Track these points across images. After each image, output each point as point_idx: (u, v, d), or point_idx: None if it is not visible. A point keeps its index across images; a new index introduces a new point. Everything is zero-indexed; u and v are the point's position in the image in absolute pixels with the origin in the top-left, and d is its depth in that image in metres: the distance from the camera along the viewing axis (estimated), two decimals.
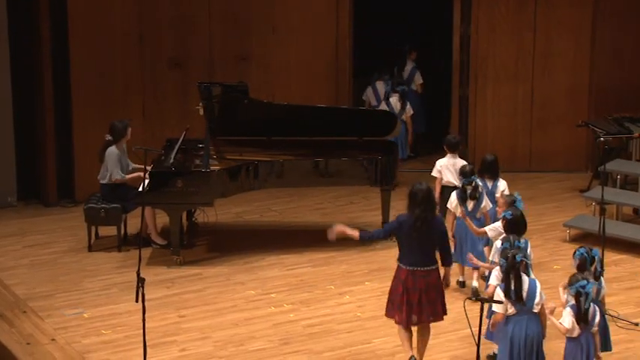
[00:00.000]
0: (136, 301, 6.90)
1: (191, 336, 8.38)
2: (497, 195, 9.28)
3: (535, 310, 7.00)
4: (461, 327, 8.24)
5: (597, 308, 7.04)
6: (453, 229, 9.19)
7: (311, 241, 10.55)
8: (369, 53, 13.74)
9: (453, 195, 9.22)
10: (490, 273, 7.62)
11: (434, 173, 10.00)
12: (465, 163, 9.73)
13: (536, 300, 6.99)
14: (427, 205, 7.54)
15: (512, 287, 6.94)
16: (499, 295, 6.96)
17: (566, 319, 6.98)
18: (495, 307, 7.02)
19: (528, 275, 7.14)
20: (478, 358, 6.75)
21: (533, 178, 12.60)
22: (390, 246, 10.12)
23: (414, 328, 7.72)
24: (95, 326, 8.59)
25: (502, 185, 9.49)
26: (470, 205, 9.11)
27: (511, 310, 6.98)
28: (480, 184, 9.22)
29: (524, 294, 6.94)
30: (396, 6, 14.60)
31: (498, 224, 8.31)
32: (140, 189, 9.89)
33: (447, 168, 9.98)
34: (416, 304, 7.51)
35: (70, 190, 11.98)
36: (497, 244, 7.79)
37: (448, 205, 9.29)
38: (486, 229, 8.61)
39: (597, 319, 7.01)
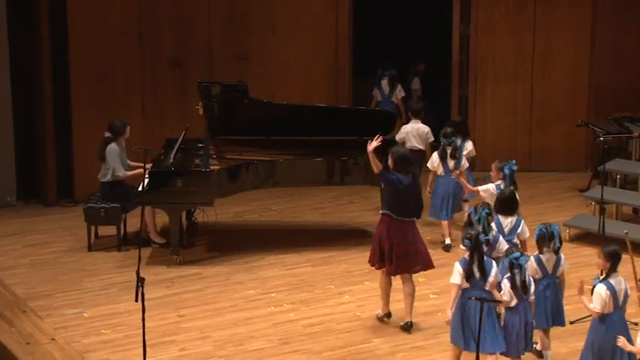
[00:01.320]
0: (136, 300, 6.90)
1: (190, 335, 8.38)
2: (465, 153, 10.47)
3: (487, 287, 7.42)
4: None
5: (532, 279, 7.46)
6: (431, 187, 10.32)
7: (311, 241, 10.56)
8: (368, 53, 13.73)
9: (435, 155, 10.24)
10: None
11: (398, 137, 10.91)
12: (427, 128, 11.03)
13: (490, 279, 7.41)
14: (415, 165, 8.52)
15: (476, 264, 7.39)
16: (459, 271, 7.41)
17: (505, 294, 7.39)
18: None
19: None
20: (477, 357, 6.76)
21: (533, 177, 12.59)
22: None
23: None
24: (95, 326, 8.59)
25: (469, 145, 10.72)
26: (450, 164, 10.10)
27: (465, 284, 7.44)
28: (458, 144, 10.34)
29: (483, 271, 7.42)
30: (395, 6, 14.59)
31: (492, 186, 8.82)
32: (140, 188, 9.89)
33: (411, 133, 11.03)
34: (395, 251, 8.23)
35: (70, 190, 11.97)
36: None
37: (429, 165, 10.32)
38: (480, 189, 9.02)
39: (532, 288, 7.42)
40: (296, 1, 12.64)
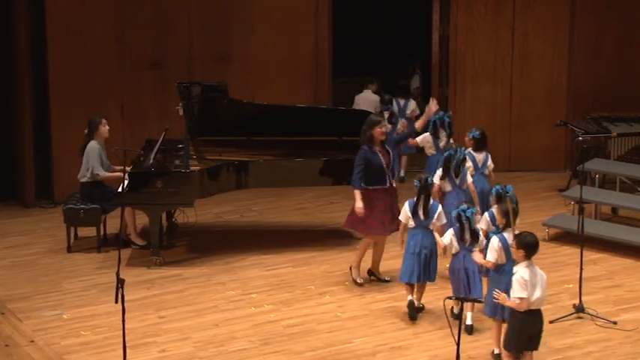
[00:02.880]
0: (116, 302, 6.86)
1: (171, 337, 8.36)
2: (408, 112, 12.30)
3: (430, 227, 8.46)
4: (440, 326, 8.27)
5: (480, 230, 8.15)
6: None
7: (291, 242, 10.56)
8: (348, 53, 13.75)
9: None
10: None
11: (354, 105, 12.35)
12: (376, 97, 12.58)
13: (433, 220, 8.45)
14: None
15: (421, 205, 8.48)
16: (406, 210, 8.52)
17: (446, 237, 8.23)
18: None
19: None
20: (458, 357, 6.78)
21: (512, 177, 12.62)
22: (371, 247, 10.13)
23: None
24: (74, 327, 8.55)
25: (412, 105, 12.49)
26: (389, 127, 11.04)
27: (411, 223, 8.51)
28: (396, 108, 12.31)
29: (427, 212, 8.49)
30: (375, 5, 14.63)
31: (427, 135, 10.35)
32: (120, 189, 9.86)
33: (362, 99, 12.67)
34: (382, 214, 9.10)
35: (49, 191, 11.92)
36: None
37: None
38: (417, 139, 10.40)
39: (481, 238, 8.16)
40: (275, 1, 12.63)
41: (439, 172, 9.27)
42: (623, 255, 10.04)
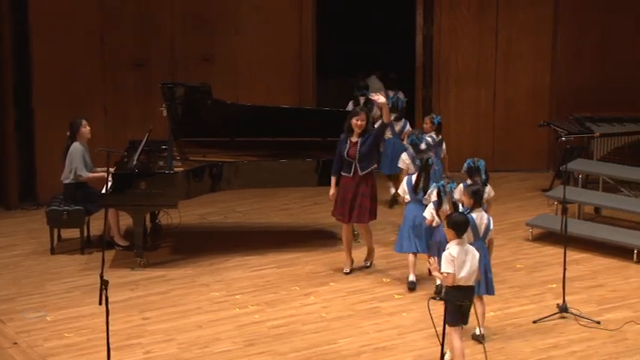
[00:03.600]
0: (100, 303, 6.84)
1: (155, 338, 8.34)
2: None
3: (424, 202, 9.08)
4: (425, 327, 8.28)
5: (460, 205, 8.46)
6: None
7: (276, 242, 10.55)
8: (333, 54, 13.75)
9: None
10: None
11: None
12: (380, 84, 12.88)
13: (426, 195, 9.10)
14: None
15: (421, 183, 9.21)
16: (404, 186, 9.35)
17: (427, 212, 8.81)
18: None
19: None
20: (442, 357, 6.80)
21: (496, 178, 12.63)
22: (355, 247, 10.15)
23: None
24: (58, 329, 8.52)
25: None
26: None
27: (408, 198, 9.30)
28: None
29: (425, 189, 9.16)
30: (359, 5, 14.63)
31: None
32: (103, 191, 9.83)
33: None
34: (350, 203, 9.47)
35: (32, 193, 11.87)
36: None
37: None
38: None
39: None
40: (259, 1, 12.62)
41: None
42: (606, 255, 10.09)
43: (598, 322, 8.50)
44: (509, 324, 8.50)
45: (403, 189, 9.39)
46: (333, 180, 9.65)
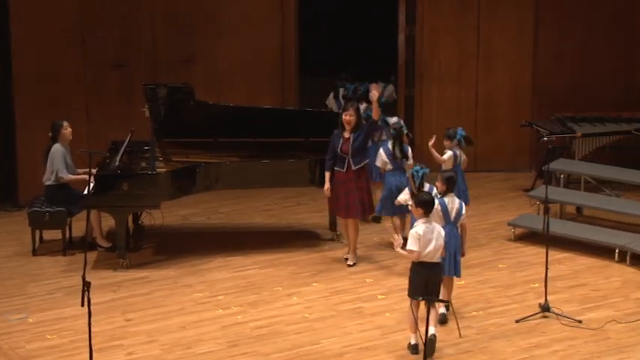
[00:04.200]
0: (82, 305, 6.82)
1: (138, 339, 8.32)
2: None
3: (405, 167, 9.80)
4: (408, 327, 8.28)
5: (434, 187, 8.88)
6: None
7: (258, 243, 10.55)
8: (315, 54, 13.74)
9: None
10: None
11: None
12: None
13: (408, 162, 9.90)
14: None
15: (397, 149, 9.94)
16: (382, 156, 10.02)
17: (402, 195, 9.40)
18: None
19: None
20: (425, 357, 6.81)
21: (478, 178, 12.72)
22: (337, 247, 10.16)
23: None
24: (40, 331, 8.48)
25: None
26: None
27: (389, 166, 9.98)
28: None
29: (402, 153, 9.98)
30: (341, 4, 14.64)
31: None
32: (85, 192, 9.80)
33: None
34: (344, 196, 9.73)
35: (14, 194, 11.82)
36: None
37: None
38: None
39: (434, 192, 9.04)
40: (241, 2, 12.61)
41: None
42: (588, 254, 10.13)
43: (580, 322, 8.53)
44: (492, 324, 8.53)
45: (382, 160, 9.99)
46: (327, 175, 9.80)
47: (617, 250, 9.97)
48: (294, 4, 12.78)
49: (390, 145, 10.07)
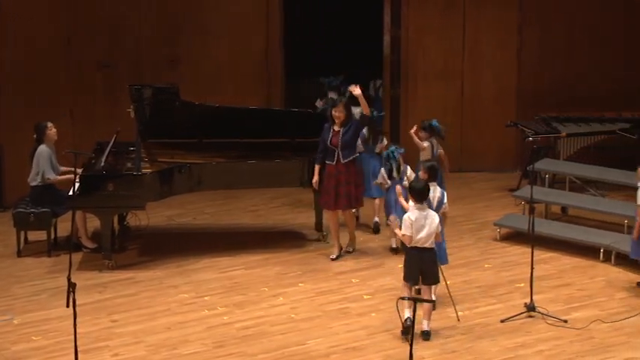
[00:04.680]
0: (67, 306, 6.80)
1: (124, 340, 8.30)
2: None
3: (377, 150, 10.44)
4: (394, 327, 8.31)
5: (407, 167, 9.74)
6: None
7: (244, 244, 10.54)
8: (301, 54, 13.74)
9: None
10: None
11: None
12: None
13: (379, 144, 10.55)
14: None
15: (371, 136, 10.57)
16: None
17: (380, 176, 9.86)
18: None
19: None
20: (411, 357, 6.82)
21: (464, 177, 12.75)
22: (323, 247, 10.17)
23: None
24: (25, 332, 8.46)
25: None
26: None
27: (361, 148, 10.29)
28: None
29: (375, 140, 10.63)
30: (327, 6, 14.64)
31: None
32: (71, 192, 9.77)
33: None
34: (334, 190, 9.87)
35: None
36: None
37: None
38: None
39: (408, 173, 9.82)
40: (226, 3, 12.60)
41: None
42: (573, 254, 10.17)
43: (565, 321, 8.56)
44: (477, 323, 8.55)
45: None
46: (316, 168, 9.96)
47: (602, 250, 10.01)
48: (280, 5, 12.77)
49: (365, 131, 10.44)
